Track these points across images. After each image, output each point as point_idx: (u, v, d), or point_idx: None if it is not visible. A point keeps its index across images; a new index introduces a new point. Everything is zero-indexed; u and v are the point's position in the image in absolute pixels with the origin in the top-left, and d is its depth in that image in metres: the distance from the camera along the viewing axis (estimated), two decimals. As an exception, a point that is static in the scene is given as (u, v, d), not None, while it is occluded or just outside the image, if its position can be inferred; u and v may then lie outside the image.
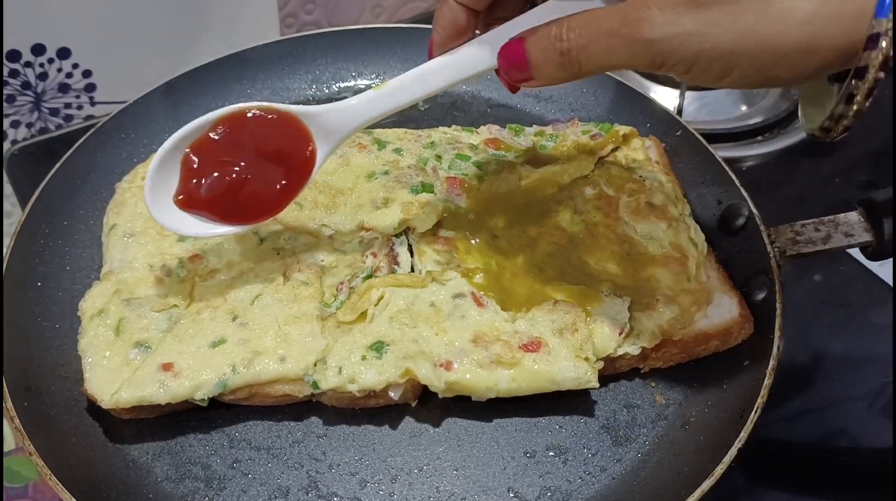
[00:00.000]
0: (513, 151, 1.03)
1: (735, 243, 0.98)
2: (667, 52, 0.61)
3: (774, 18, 0.58)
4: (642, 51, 0.62)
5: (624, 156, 1.03)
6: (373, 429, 0.86)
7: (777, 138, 1.32)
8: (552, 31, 0.66)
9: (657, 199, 0.98)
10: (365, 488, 0.82)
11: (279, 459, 0.84)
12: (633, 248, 0.94)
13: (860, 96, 0.60)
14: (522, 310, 0.86)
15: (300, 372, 0.82)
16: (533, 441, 0.86)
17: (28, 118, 1.29)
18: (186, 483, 0.82)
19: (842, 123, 0.63)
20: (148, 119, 1.10)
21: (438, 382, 0.81)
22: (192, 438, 0.85)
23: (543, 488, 0.82)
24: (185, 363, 0.82)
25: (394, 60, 1.23)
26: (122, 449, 0.83)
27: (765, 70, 0.60)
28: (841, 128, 0.63)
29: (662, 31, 0.60)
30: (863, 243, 0.91)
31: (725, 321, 0.89)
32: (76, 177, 1.02)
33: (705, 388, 0.89)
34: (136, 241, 0.93)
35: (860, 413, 1.03)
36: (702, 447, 0.83)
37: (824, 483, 0.98)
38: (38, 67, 1.24)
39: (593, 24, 0.64)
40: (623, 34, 0.62)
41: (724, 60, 0.60)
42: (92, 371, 0.82)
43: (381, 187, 0.96)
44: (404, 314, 0.86)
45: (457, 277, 0.88)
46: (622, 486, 0.83)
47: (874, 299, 1.16)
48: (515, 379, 0.82)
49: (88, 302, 0.87)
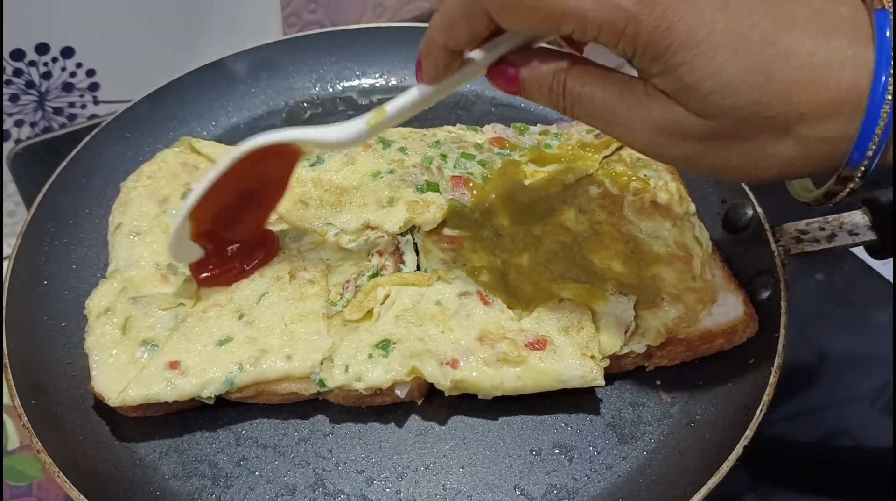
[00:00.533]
0: (517, 149, 1.03)
1: (739, 241, 0.98)
2: (650, 157, 0.68)
3: (757, 159, 0.61)
4: (628, 144, 0.66)
5: (628, 155, 1.03)
6: (379, 427, 0.86)
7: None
8: (549, 75, 0.67)
9: (662, 198, 0.98)
10: (371, 486, 0.82)
11: (286, 457, 0.84)
12: (638, 247, 0.94)
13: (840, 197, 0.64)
14: (528, 309, 0.87)
15: (306, 370, 0.82)
16: (539, 438, 0.86)
17: (32, 117, 1.30)
18: (193, 481, 0.82)
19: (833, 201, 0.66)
20: (152, 118, 1.10)
21: (445, 380, 0.82)
22: (198, 436, 0.85)
23: (549, 485, 0.83)
24: (191, 362, 0.82)
25: (397, 59, 1.23)
26: (129, 447, 0.84)
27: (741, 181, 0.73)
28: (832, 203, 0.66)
29: (652, 150, 0.65)
30: (867, 241, 0.92)
31: (730, 319, 0.89)
32: (82, 176, 1.02)
33: (711, 386, 0.90)
34: (141, 240, 0.93)
35: (862, 412, 1.03)
36: (707, 445, 0.83)
37: (826, 482, 0.98)
38: (41, 66, 1.24)
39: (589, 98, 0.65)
40: (613, 126, 0.66)
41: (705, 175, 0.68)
42: (99, 369, 0.82)
43: (387, 186, 0.97)
44: (410, 312, 0.86)
45: (462, 275, 0.88)
46: (628, 484, 0.83)
47: (877, 299, 1.16)
48: (521, 377, 0.82)
49: (95, 301, 0.87)
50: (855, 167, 0.59)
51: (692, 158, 0.63)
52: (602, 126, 0.67)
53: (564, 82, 0.66)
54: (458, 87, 0.74)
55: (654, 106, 0.62)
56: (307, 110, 1.19)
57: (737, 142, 0.61)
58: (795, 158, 0.60)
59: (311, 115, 1.19)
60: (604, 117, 0.66)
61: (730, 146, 0.61)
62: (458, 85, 0.73)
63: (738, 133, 0.60)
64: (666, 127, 0.62)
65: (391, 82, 1.23)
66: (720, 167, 0.63)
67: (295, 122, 1.17)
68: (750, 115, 0.59)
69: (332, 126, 0.78)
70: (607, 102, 0.65)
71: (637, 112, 0.63)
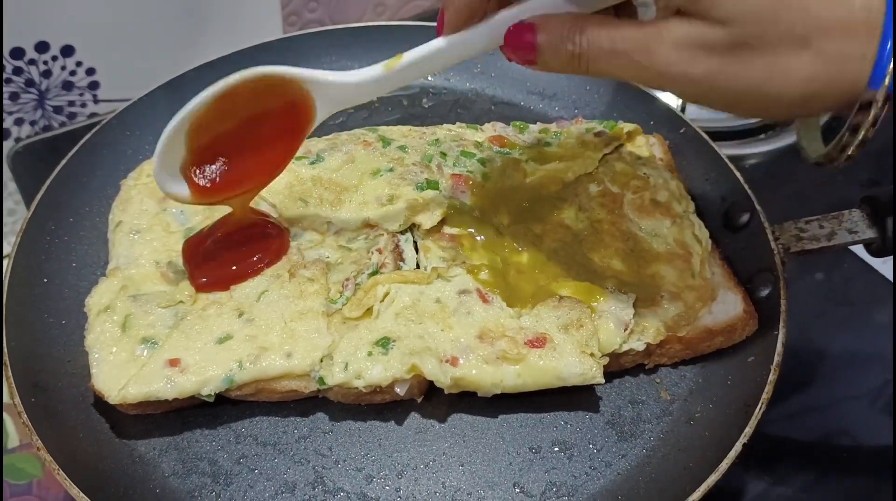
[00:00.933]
0: (517, 148, 1.03)
1: (739, 240, 0.98)
2: (673, 86, 0.66)
3: (779, 76, 0.61)
4: (651, 78, 0.65)
5: (628, 153, 1.04)
6: (379, 425, 0.86)
7: (780, 136, 1.33)
8: (566, 30, 0.67)
9: (661, 196, 0.99)
10: (371, 483, 0.82)
11: (285, 454, 0.84)
12: (638, 245, 0.94)
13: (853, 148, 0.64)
14: (528, 306, 0.87)
15: (306, 368, 0.82)
16: (538, 436, 0.86)
17: (32, 116, 1.30)
18: (193, 479, 0.82)
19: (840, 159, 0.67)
20: (152, 116, 1.10)
21: (444, 378, 0.82)
22: (198, 433, 0.85)
23: (549, 483, 0.83)
24: (191, 359, 0.82)
25: (397, 58, 1.23)
26: (129, 445, 0.84)
27: (763, 110, 0.66)
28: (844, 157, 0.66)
29: (674, 70, 0.63)
30: (866, 239, 0.92)
31: (730, 317, 0.90)
32: (81, 174, 1.02)
33: (710, 384, 0.90)
34: (141, 238, 0.93)
35: (861, 411, 1.03)
36: (707, 442, 0.83)
37: (825, 481, 0.98)
38: (41, 65, 1.24)
39: (609, 39, 0.66)
40: (636, 59, 0.65)
41: (728, 101, 0.65)
42: (99, 367, 0.82)
43: (387, 184, 0.97)
44: (410, 310, 0.86)
45: (462, 273, 0.88)
46: (627, 481, 0.83)
47: (876, 297, 1.16)
48: (521, 375, 0.82)
49: (95, 298, 0.88)
50: (876, 88, 0.59)
51: (715, 76, 0.63)
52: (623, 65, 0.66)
53: (582, 34, 0.66)
54: (476, 52, 0.74)
55: (674, 25, 0.63)
56: (307, 109, 1.19)
57: (757, 54, 0.61)
58: (817, 73, 0.60)
59: (311, 113, 1.18)
60: (625, 53, 0.65)
61: (751, 60, 0.61)
62: (477, 50, 0.74)
63: (758, 43, 0.60)
64: (687, 41, 0.62)
65: (391, 81, 1.23)
66: (743, 86, 0.62)
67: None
68: (768, 21, 0.59)
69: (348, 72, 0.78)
70: (627, 37, 0.65)
71: (657, 35, 0.63)
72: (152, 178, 0.97)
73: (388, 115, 1.18)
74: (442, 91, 1.22)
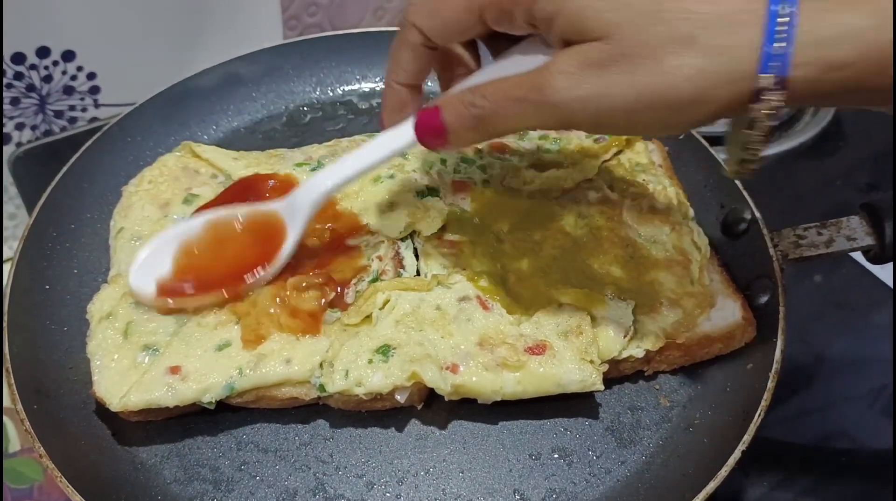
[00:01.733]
0: (517, 154, 1.03)
1: (738, 246, 0.98)
2: (571, 115, 0.64)
3: (666, 75, 0.60)
4: (549, 114, 0.65)
5: (627, 159, 1.04)
6: (379, 432, 0.87)
7: (778, 141, 1.33)
8: (465, 97, 0.69)
9: (660, 202, 0.99)
10: (372, 490, 0.82)
11: (286, 461, 0.84)
12: (637, 251, 0.94)
13: (756, 145, 0.64)
14: (527, 313, 0.87)
15: (306, 374, 0.83)
16: (538, 443, 0.86)
17: (33, 121, 1.30)
18: (195, 485, 0.82)
19: (749, 167, 0.66)
20: (154, 122, 1.10)
21: (444, 385, 0.82)
22: (199, 440, 0.85)
23: (549, 490, 0.83)
24: (192, 367, 0.82)
25: (397, 63, 1.23)
26: (130, 452, 0.84)
27: (664, 121, 0.64)
28: (750, 169, 0.66)
29: (565, 96, 0.63)
30: (865, 246, 0.92)
31: (728, 324, 0.90)
32: (83, 180, 1.02)
33: (709, 391, 0.90)
34: (143, 244, 0.93)
35: (860, 414, 1.04)
36: (706, 449, 0.84)
37: (824, 484, 0.98)
38: (42, 70, 1.24)
39: (502, 91, 0.67)
40: (531, 100, 0.65)
41: (625, 116, 0.63)
42: (100, 374, 0.83)
43: (387, 191, 0.97)
44: (410, 317, 0.86)
45: (462, 280, 0.89)
46: (627, 488, 0.83)
47: (874, 301, 1.16)
48: (521, 382, 0.83)
49: (97, 305, 0.88)
50: (766, 73, 0.58)
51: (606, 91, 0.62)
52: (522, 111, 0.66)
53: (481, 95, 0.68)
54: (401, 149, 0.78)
55: (560, 56, 0.63)
56: (307, 114, 1.19)
57: (642, 61, 0.60)
58: (706, 69, 0.59)
59: (312, 119, 1.19)
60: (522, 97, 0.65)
61: (636, 68, 0.61)
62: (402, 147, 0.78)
63: (642, 51, 0.60)
64: (572, 65, 0.62)
65: (391, 86, 1.23)
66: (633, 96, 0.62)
67: (295, 125, 1.18)
68: (646, 27, 0.60)
69: None
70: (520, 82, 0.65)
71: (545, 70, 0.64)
72: (153, 184, 0.99)
73: (388, 120, 1.18)
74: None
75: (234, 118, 1.17)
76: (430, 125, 0.72)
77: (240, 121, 1.17)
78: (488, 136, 0.70)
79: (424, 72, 0.76)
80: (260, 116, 1.18)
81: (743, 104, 0.61)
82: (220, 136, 1.15)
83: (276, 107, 1.19)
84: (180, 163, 1.01)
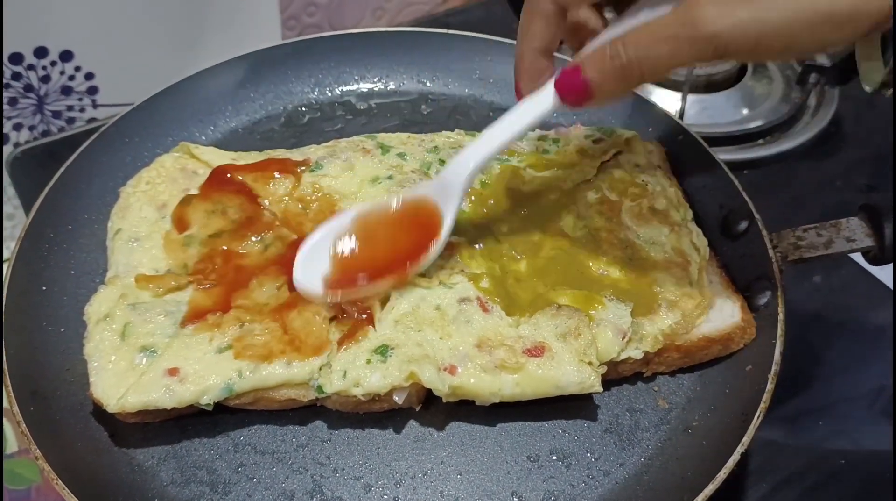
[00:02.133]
0: (516, 155, 1.03)
1: (737, 247, 0.98)
2: (730, 42, 0.64)
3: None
4: (706, 46, 0.65)
5: (626, 160, 1.04)
6: (377, 433, 0.86)
7: (778, 142, 1.33)
8: (606, 50, 0.70)
9: (659, 203, 0.99)
10: (369, 492, 0.82)
11: (284, 463, 0.84)
12: (636, 253, 0.94)
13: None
14: (526, 315, 0.87)
15: (305, 376, 0.82)
16: (536, 445, 0.86)
17: (31, 121, 1.30)
18: (192, 487, 0.82)
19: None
20: (152, 123, 1.10)
21: (443, 386, 0.82)
22: (197, 442, 0.85)
23: (547, 492, 0.83)
24: (190, 368, 0.82)
25: (396, 64, 1.23)
26: (127, 453, 0.84)
27: (822, 37, 0.63)
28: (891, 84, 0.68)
29: (721, 24, 0.63)
30: (864, 248, 0.92)
31: (727, 325, 0.90)
32: (80, 181, 1.02)
33: (708, 393, 0.90)
34: (140, 246, 0.93)
35: (859, 415, 1.04)
36: (705, 451, 0.83)
37: (823, 485, 0.98)
38: (40, 70, 1.24)
39: (648, 34, 0.68)
40: (683, 36, 0.65)
41: (783, 37, 0.63)
42: (98, 376, 0.82)
43: (386, 192, 0.97)
44: (409, 317, 0.86)
45: (464, 281, 0.89)
46: (625, 490, 0.83)
47: (873, 302, 1.16)
48: (519, 384, 0.83)
49: (94, 307, 0.87)
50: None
51: (765, 12, 0.62)
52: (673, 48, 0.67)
53: (623, 45, 0.68)
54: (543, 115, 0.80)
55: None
56: (306, 115, 1.19)
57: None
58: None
59: (310, 119, 1.19)
60: (671, 36, 0.66)
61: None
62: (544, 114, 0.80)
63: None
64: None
65: (390, 86, 1.23)
66: (792, 12, 0.62)
67: (294, 126, 1.18)
68: None
69: None
70: (664, 23, 0.66)
71: (691, 5, 0.64)
72: (151, 185, 0.98)
73: (386, 121, 1.18)
74: (441, 97, 1.22)
75: (233, 119, 1.17)
76: (574, 83, 0.73)
77: (238, 121, 1.17)
78: (636, 82, 0.70)
79: (557, 38, 0.78)
80: (258, 117, 1.18)
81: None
82: (219, 136, 1.15)
83: (274, 107, 1.19)
84: (178, 164, 1.01)
